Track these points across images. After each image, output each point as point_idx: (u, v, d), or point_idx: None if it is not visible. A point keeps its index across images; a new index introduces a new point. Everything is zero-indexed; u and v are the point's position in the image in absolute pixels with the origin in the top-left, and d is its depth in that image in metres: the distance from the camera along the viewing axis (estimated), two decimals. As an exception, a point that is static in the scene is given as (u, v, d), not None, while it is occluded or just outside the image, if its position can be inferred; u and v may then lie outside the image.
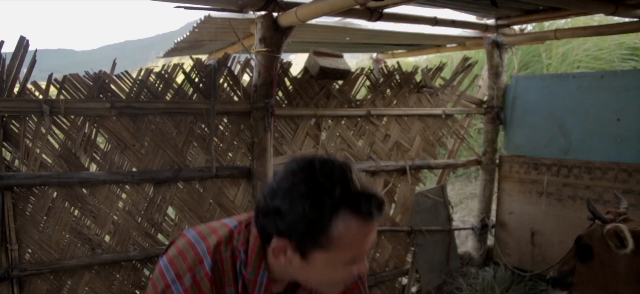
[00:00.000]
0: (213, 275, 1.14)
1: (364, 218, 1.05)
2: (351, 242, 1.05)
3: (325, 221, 1.03)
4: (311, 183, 1.03)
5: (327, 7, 2.41)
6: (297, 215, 1.03)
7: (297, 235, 1.05)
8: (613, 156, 3.53)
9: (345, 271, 1.12)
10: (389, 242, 3.87)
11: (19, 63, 2.41)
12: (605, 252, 2.17)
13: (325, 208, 1.02)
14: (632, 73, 3.59)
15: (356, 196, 1.03)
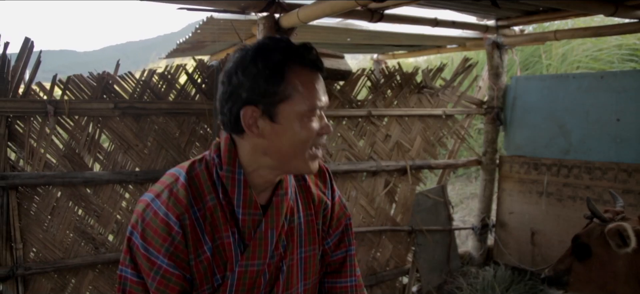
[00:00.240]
0: (190, 186, 1.19)
1: (311, 67, 1.16)
2: (306, 89, 1.14)
3: (280, 72, 1.12)
4: (257, 49, 1.14)
5: (329, 9, 2.44)
6: (254, 78, 1.13)
7: (260, 95, 1.13)
8: (613, 157, 3.55)
9: (311, 127, 1.17)
10: (390, 242, 3.89)
11: (23, 64, 2.44)
12: (604, 251, 2.18)
13: (277, 61, 1.12)
14: (631, 73, 3.61)
15: (298, 49, 1.15)
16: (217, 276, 1.21)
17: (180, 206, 1.16)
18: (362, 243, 3.71)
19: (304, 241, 1.34)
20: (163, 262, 1.16)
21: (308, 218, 1.35)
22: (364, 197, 3.70)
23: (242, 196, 1.21)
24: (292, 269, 1.31)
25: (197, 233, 1.18)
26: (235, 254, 1.21)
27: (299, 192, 1.36)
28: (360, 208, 3.69)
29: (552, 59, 5.84)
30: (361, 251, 3.71)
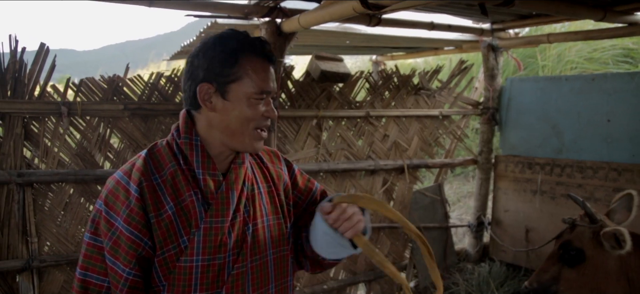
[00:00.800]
0: (150, 159, 1.34)
1: (262, 57, 1.34)
2: (257, 72, 1.33)
3: (234, 57, 1.31)
4: (217, 37, 1.33)
5: (328, 15, 2.58)
6: (211, 60, 1.31)
7: (215, 74, 1.31)
8: (604, 156, 3.69)
9: (257, 109, 1.34)
10: (388, 238, 4.03)
11: (39, 68, 2.59)
12: (597, 253, 2.23)
13: (233, 48, 1.31)
14: (621, 76, 3.74)
15: (253, 41, 1.34)
16: (183, 237, 1.32)
17: (139, 174, 1.30)
18: (361, 240, 3.85)
19: (268, 210, 1.47)
20: (120, 223, 1.27)
21: (268, 190, 1.50)
22: (362, 195, 3.84)
23: (200, 159, 1.35)
24: (258, 234, 1.43)
25: (158, 196, 1.31)
26: (199, 212, 1.33)
27: (255, 168, 1.51)
28: (359, 205, 3.83)
29: (547, 60, 5.97)
30: (360, 248, 3.85)
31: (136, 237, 1.27)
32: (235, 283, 1.37)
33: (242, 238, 1.39)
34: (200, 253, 1.32)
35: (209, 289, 1.34)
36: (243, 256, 1.39)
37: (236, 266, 1.37)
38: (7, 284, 2.64)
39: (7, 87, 2.54)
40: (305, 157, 3.52)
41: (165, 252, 1.30)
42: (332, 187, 3.66)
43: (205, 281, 1.33)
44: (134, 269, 1.27)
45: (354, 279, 3.85)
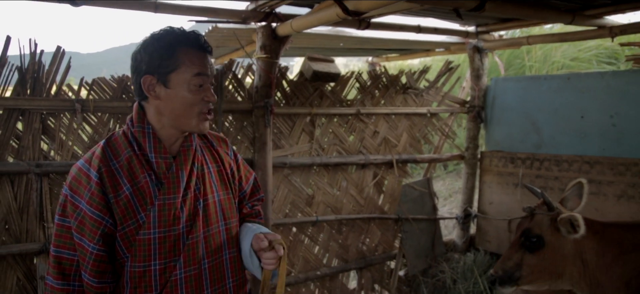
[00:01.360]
0: (108, 147, 1.55)
1: (197, 48, 1.53)
2: (193, 61, 1.51)
3: (171, 50, 1.50)
4: (156, 33, 1.52)
5: (316, 20, 2.85)
6: (151, 54, 1.50)
7: (156, 67, 1.50)
8: (578, 150, 3.95)
9: (197, 95, 1.54)
10: (378, 229, 4.30)
11: (56, 68, 2.87)
12: (555, 238, 2.48)
13: (169, 42, 1.50)
14: (593, 75, 4.00)
15: (188, 34, 1.52)
16: (141, 214, 1.52)
17: (98, 161, 1.51)
18: (353, 229, 4.13)
19: (218, 186, 1.69)
20: (83, 205, 1.47)
21: (217, 168, 1.72)
22: (353, 187, 4.11)
23: (152, 144, 1.56)
24: (209, 209, 1.64)
25: (116, 179, 1.51)
26: (153, 191, 1.53)
27: (205, 150, 1.72)
28: (351, 197, 4.10)
29: (533, 61, 6.24)
30: (351, 237, 4.12)
31: (98, 216, 1.47)
32: (190, 251, 1.57)
33: (194, 212, 1.59)
34: (157, 226, 1.52)
35: (167, 258, 1.54)
36: (196, 227, 1.59)
37: (190, 236, 1.57)
38: (25, 265, 2.92)
39: (27, 86, 2.82)
40: (300, 151, 3.79)
41: (125, 227, 1.51)
42: (324, 180, 3.93)
43: (163, 250, 1.53)
44: (97, 244, 1.47)
45: (346, 267, 4.12)
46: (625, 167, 3.63)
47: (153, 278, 1.54)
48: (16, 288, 2.88)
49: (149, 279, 1.53)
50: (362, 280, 4.26)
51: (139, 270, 1.53)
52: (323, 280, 4.01)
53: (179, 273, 1.56)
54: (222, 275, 1.68)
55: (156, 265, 1.53)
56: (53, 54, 2.86)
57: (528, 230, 2.55)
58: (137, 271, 1.53)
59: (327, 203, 3.96)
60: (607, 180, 3.75)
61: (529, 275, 2.53)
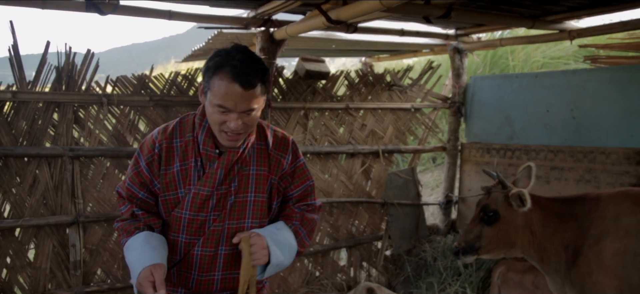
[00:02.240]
0: (178, 125, 1.85)
1: (232, 79, 1.64)
2: (220, 91, 1.66)
3: (213, 72, 1.68)
4: (219, 50, 1.72)
5: (307, 26, 3.39)
6: (207, 66, 1.71)
7: (204, 80, 1.73)
8: (544, 140, 4.47)
9: (221, 116, 1.70)
10: (366, 212, 4.84)
11: (86, 68, 3.43)
12: (508, 212, 2.90)
13: (216, 64, 1.67)
14: (557, 73, 4.51)
15: (234, 65, 1.65)
16: (181, 189, 1.82)
17: (164, 136, 1.82)
18: (343, 212, 4.67)
19: (254, 188, 1.87)
20: (142, 163, 1.83)
21: (260, 172, 1.88)
22: (343, 174, 4.65)
23: (203, 136, 1.81)
24: (238, 206, 1.85)
25: (172, 155, 1.81)
26: (193, 176, 1.81)
27: (257, 152, 1.89)
28: (341, 183, 4.64)
29: (516, 60, 6.77)
30: (341, 218, 4.66)
31: (150, 177, 1.84)
32: (210, 236, 1.85)
33: (222, 205, 1.84)
34: (188, 209, 1.82)
35: (193, 235, 1.85)
36: (220, 218, 1.84)
37: (214, 224, 1.84)
38: (60, 234, 3.47)
39: (62, 82, 3.38)
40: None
41: (166, 195, 1.85)
42: (317, 167, 4.47)
43: (190, 229, 1.84)
44: (142, 191, 1.86)
45: (337, 245, 4.66)
46: (583, 155, 4.16)
47: (179, 247, 1.87)
48: (52, 253, 3.44)
49: (176, 247, 1.88)
50: (351, 258, 4.80)
51: (171, 237, 1.88)
52: (316, 256, 4.56)
53: (196, 250, 1.86)
54: (236, 263, 1.88)
55: (183, 238, 1.86)
56: (83, 56, 3.42)
57: (486, 206, 2.98)
58: (170, 237, 1.88)
59: (319, 188, 4.50)
60: (568, 167, 4.27)
61: (487, 245, 2.94)
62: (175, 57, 15.54)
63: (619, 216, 2.68)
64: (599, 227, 2.74)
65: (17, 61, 3.21)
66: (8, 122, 3.26)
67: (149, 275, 1.68)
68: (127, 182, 1.89)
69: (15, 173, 3.31)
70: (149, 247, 1.77)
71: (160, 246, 1.81)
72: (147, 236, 1.81)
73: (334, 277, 4.66)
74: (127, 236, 1.85)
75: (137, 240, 1.80)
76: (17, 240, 3.35)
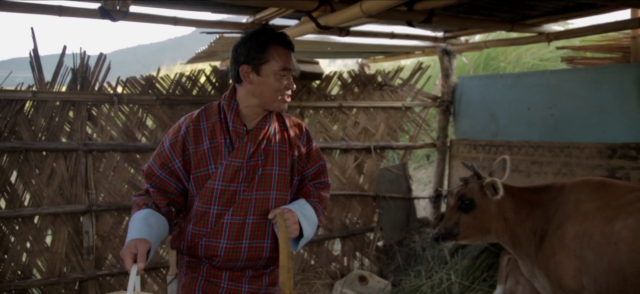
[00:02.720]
0: (204, 111, 2.03)
1: (284, 45, 1.96)
2: (280, 56, 1.93)
3: (264, 46, 1.92)
4: (253, 33, 1.97)
5: (300, 31, 3.72)
6: (249, 49, 1.93)
7: (252, 59, 1.92)
8: (525, 137, 4.77)
9: (281, 81, 1.95)
10: (359, 204, 5.16)
11: (98, 69, 3.78)
12: (483, 201, 3.20)
13: (264, 40, 1.93)
14: (537, 74, 4.82)
15: (278, 35, 1.97)
16: (211, 165, 1.97)
17: (190, 120, 2.01)
18: (337, 204, 4.99)
19: (279, 162, 2.04)
20: (166, 144, 2.00)
21: (282, 148, 2.06)
22: (337, 169, 4.98)
23: (232, 115, 1.99)
24: (265, 177, 2.01)
25: (200, 135, 1.98)
26: (224, 151, 1.97)
27: (278, 131, 2.08)
28: (335, 177, 4.97)
29: (507, 62, 7.07)
30: (335, 210, 4.99)
31: (171, 155, 2.00)
32: (240, 205, 1.98)
33: (251, 177, 1.99)
34: (221, 180, 1.96)
35: (223, 206, 1.97)
36: (249, 188, 1.99)
37: (244, 194, 1.98)
38: (74, 222, 3.82)
39: (77, 83, 3.72)
40: (291, 138, 4.66)
41: (198, 172, 1.98)
42: (312, 161, 4.79)
43: (222, 199, 1.97)
44: (163, 172, 2.00)
45: (331, 235, 4.99)
46: (560, 150, 4.46)
47: (210, 218, 1.98)
48: (67, 239, 3.78)
49: (207, 218, 1.98)
50: (345, 248, 5.12)
51: (202, 209, 1.99)
52: (311, 245, 4.89)
53: (227, 218, 1.98)
54: (262, 233, 2.03)
55: (214, 209, 1.98)
56: (96, 59, 3.77)
57: (463, 195, 3.28)
58: (200, 210, 1.99)
59: (314, 181, 4.82)
60: (547, 161, 4.58)
61: (464, 231, 3.24)
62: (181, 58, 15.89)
63: (579, 203, 2.97)
64: (562, 213, 3.03)
65: (37, 64, 3.57)
66: (28, 119, 3.61)
67: (133, 247, 1.76)
68: (150, 162, 2.07)
69: (35, 165, 3.66)
70: (145, 223, 1.89)
71: (156, 225, 1.92)
72: (148, 214, 1.94)
73: (328, 266, 4.99)
74: (136, 209, 1.98)
75: (139, 215, 1.93)
76: (36, 226, 3.71)
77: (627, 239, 2.61)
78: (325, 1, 3.20)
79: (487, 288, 4.33)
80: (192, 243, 2.02)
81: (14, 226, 3.63)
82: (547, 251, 3.03)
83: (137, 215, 1.95)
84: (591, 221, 2.86)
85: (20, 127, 3.57)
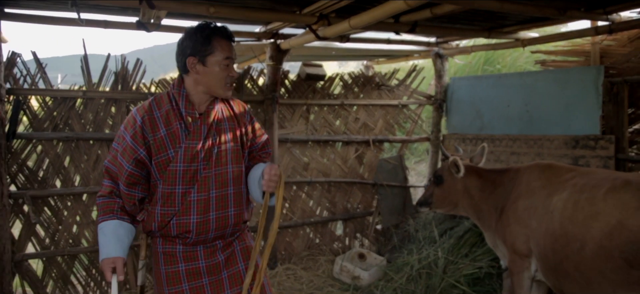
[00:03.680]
0: (154, 101, 2.18)
1: (226, 37, 2.16)
2: (223, 47, 2.13)
3: (208, 39, 2.11)
4: (197, 27, 2.15)
5: (304, 40, 4.48)
6: (195, 42, 2.10)
7: (198, 51, 2.10)
8: (505, 130, 5.47)
9: (225, 71, 2.14)
10: (359, 191, 5.90)
11: (136, 72, 4.60)
12: (449, 177, 3.93)
13: (208, 34, 2.12)
14: (515, 75, 5.51)
15: (220, 28, 2.17)
16: (170, 150, 2.12)
17: (144, 110, 2.15)
18: (339, 190, 5.74)
19: (230, 139, 2.26)
20: (128, 138, 2.12)
21: (231, 126, 2.29)
22: (340, 159, 5.73)
23: (184, 102, 2.16)
24: (221, 154, 2.22)
25: (155, 124, 2.12)
26: (181, 136, 2.13)
27: (225, 111, 2.30)
28: (337, 166, 5.72)
29: (502, 65, 7.75)
30: (338, 196, 5.74)
31: (135, 147, 2.12)
32: (203, 182, 2.18)
33: (209, 155, 2.19)
34: (182, 161, 2.14)
35: (187, 185, 2.16)
36: (209, 165, 2.19)
37: (204, 171, 2.18)
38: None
39: (118, 84, 4.55)
40: (298, 131, 5.44)
41: (158, 158, 2.14)
42: (317, 152, 5.56)
43: (185, 179, 2.15)
44: (131, 165, 2.12)
45: (334, 217, 5.74)
46: (534, 141, 5.15)
47: (177, 197, 2.16)
48: (110, 214, 4.61)
49: (173, 198, 2.16)
50: (346, 229, 5.87)
51: (167, 191, 2.16)
52: (316, 226, 5.65)
53: (193, 196, 2.17)
54: (226, 204, 2.25)
55: (179, 189, 2.16)
56: (134, 64, 4.60)
57: (436, 171, 4.09)
58: (166, 191, 2.16)
59: (319, 169, 5.59)
60: (523, 152, 5.27)
61: (436, 202, 4.01)
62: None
63: (530, 182, 3.66)
64: (516, 191, 3.72)
65: (87, 69, 4.40)
66: (79, 113, 4.45)
67: (111, 264, 2.10)
68: (111, 159, 2.23)
69: (84, 152, 4.49)
70: (115, 238, 2.14)
71: (125, 235, 2.18)
72: (116, 226, 2.17)
73: (331, 244, 5.75)
74: (103, 215, 2.20)
75: (108, 227, 2.16)
76: (84, 203, 4.54)
77: (559, 209, 3.29)
78: (323, 16, 3.96)
79: (468, 262, 5.03)
80: (163, 222, 2.19)
81: (66, 202, 4.46)
82: (504, 222, 3.70)
83: (106, 225, 2.17)
84: (537, 196, 3.53)
85: (72, 120, 4.41)
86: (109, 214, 2.18)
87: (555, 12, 3.80)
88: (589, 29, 4.53)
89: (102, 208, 2.20)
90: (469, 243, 5.32)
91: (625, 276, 2.81)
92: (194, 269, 2.24)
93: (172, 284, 2.23)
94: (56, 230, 4.44)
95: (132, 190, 2.18)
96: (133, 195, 2.18)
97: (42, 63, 4.27)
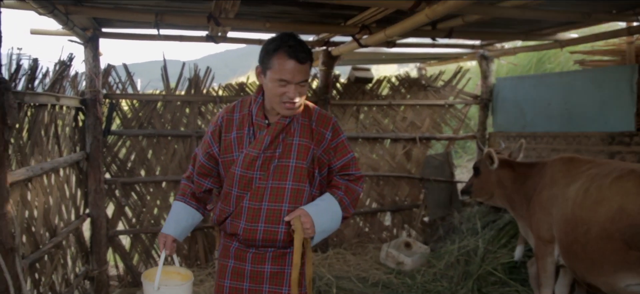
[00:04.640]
0: (239, 104, 2.29)
1: (292, 57, 2.04)
2: (281, 67, 2.05)
3: (270, 55, 2.07)
4: (271, 38, 2.12)
5: (350, 48, 5.07)
6: (263, 52, 2.12)
7: (262, 62, 2.12)
8: (546, 128, 5.77)
9: (281, 89, 2.06)
10: (407, 185, 6.40)
11: (206, 78, 5.39)
12: (485, 170, 4.38)
13: (273, 47, 2.08)
14: (556, 75, 5.78)
15: (288, 44, 2.06)
16: (235, 152, 2.20)
17: (227, 111, 2.28)
18: (387, 183, 6.27)
19: (296, 155, 2.20)
20: (209, 132, 2.29)
21: (303, 142, 2.21)
22: (388, 155, 6.27)
23: (256, 110, 2.20)
24: (281, 169, 2.19)
25: (231, 126, 2.24)
26: (246, 142, 2.20)
27: (302, 126, 2.23)
28: (385, 161, 6.26)
29: (555, 64, 7.95)
30: (386, 189, 6.27)
31: (211, 142, 2.28)
32: (256, 191, 2.19)
33: (267, 166, 2.18)
34: (240, 166, 2.19)
35: (242, 190, 2.21)
36: (265, 176, 2.18)
37: (260, 181, 2.19)
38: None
39: (191, 88, 5.35)
40: (349, 129, 6.03)
41: (224, 158, 2.25)
42: (366, 148, 6.13)
43: (241, 184, 2.20)
44: (205, 158, 2.29)
45: (383, 209, 6.28)
46: (573, 138, 5.45)
47: (232, 199, 2.22)
48: (184, 200, 5.43)
49: (229, 199, 2.23)
50: (394, 220, 6.40)
51: (227, 191, 2.24)
52: (366, 216, 6.23)
53: (245, 203, 2.20)
54: (277, 218, 2.20)
55: (235, 192, 2.21)
56: (204, 71, 5.38)
57: (475, 163, 4.54)
58: (225, 191, 2.25)
59: (368, 164, 6.16)
60: (563, 148, 5.57)
61: (475, 191, 4.46)
62: (265, 64, 17.58)
63: (553, 174, 4.04)
64: (543, 182, 4.10)
65: (166, 76, 5.24)
66: (159, 114, 5.29)
67: (163, 239, 2.29)
68: (197, 149, 2.40)
69: (163, 146, 5.33)
70: (175, 218, 2.34)
71: (184, 219, 2.34)
72: (181, 207, 2.35)
73: (380, 233, 6.30)
74: (178, 195, 2.43)
75: (175, 207, 2.38)
76: (163, 190, 5.38)
77: (572, 196, 3.65)
78: (365, 27, 4.54)
79: (507, 251, 5.41)
80: (221, 218, 2.31)
81: (149, 189, 5.32)
82: (531, 210, 4.08)
83: (174, 206, 2.40)
84: (558, 186, 3.90)
85: (154, 119, 5.26)
86: (180, 196, 2.40)
87: (579, 16, 4.15)
88: (622, 29, 4.79)
89: (180, 189, 2.44)
90: (508, 234, 5.68)
91: (624, 256, 3.16)
92: (240, 269, 2.28)
93: (220, 276, 2.33)
94: (141, 212, 5.30)
95: (201, 180, 2.34)
96: (202, 185, 2.34)
97: (130, 72, 5.15)
